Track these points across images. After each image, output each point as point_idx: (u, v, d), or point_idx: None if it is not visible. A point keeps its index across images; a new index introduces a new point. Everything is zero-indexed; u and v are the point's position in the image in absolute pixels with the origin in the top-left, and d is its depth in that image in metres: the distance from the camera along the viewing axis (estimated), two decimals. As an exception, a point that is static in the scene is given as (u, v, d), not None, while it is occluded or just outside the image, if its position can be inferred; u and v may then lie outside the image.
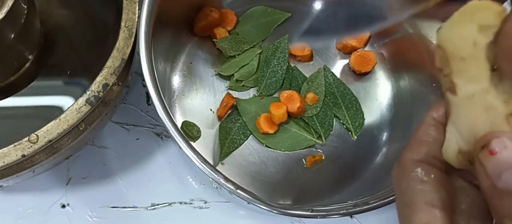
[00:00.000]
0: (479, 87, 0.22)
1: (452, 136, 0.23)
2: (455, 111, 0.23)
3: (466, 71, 0.23)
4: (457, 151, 0.23)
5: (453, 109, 0.23)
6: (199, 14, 0.55)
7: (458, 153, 0.23)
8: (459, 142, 0.23)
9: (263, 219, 0.53)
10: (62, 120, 0.38)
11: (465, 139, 0.23)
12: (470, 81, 0.22)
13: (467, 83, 0.23)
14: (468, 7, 0.23)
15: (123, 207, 0.52)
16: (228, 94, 0.55)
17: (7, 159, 0.37)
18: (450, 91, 0.23)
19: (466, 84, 0.23)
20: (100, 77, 0.40)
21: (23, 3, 0.42)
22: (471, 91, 0.22)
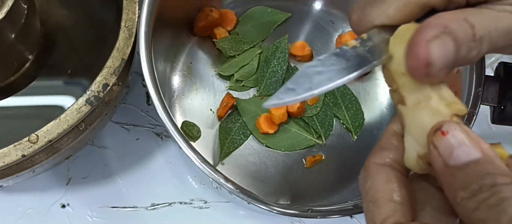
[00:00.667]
0: (422, 96, 0.25)
1: (409, 144, 0.26)
2: (408, 120, 0.26)
3: (408, 83, 0.26)
4: (417, 157, 0.25)
5: (406, 119, 0.26)
6: (199, 14, 0.55)
7: (418, 159, 0.25)
8: (416, 148, 0.25)
9: (263, 219, 0.53)
10: (62, 120, 0.38)
11: (421, 143, 0.25)
12: (414, 91, 0.25)
13: (412, 94, 0.26)
14: (398, 32, 0.27)
15: (123, 207, 0.52)
16: (228, 94, 0.55)
17: (7, 159, 0.37)
18: (400, 103, 0.26)
19: (411, 94, 0.26)
20: (100, 77, 0.40)
21: (23, 3, 0.42)
22: (416, 99, 0.25)
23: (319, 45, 0.58)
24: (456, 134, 0.23)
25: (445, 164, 0.23)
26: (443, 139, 0.23)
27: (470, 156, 0.23)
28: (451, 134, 0.23)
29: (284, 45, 0.56)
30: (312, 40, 0.58)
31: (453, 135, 0.23)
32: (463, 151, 0.23)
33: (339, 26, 0.59)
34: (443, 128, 0.23)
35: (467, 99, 0.45)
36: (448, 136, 0.23)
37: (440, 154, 0.23)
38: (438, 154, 0.23)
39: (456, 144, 0.23)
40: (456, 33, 0.24)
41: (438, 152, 0.23)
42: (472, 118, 0.44)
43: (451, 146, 0.23)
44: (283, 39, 0.56)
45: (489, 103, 0.45)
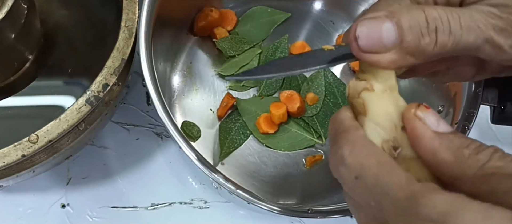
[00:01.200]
0: (388, 84, 0.28)
1: (373, 131, 0.27)
2: (373, 106, 0.27)
3: (379, 74, 0.28)
4: (381, 142, 0.26)
5: (370, 106, 0.27)
6: (199, 14, 0.55)
7: (383, 143, 0.26)
8: (380, 133, 0.27)
9: (263, 219, 0.53)
10: (62, 120, 0.38)
11: (385, 127, 0.27)
12: (382, 80, 0.28)
13: (379, 82, 0.28)
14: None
15: (123, 207, 0.52)
16: (228, 94, 0.55)
17: (7, 159, 0.37)
18: (367, 90, 0.27)
19: (379, 83, 0.28)
20: (100, 77, 0.40)
21: (23, 3, 0.42)
22: (383, 87, 0.27)
23: (319, 45, 0.58)
24: (432, 110, 0.25)
25: (435, 132, 0.25)
26: (429, 112, 0.25)
27: (449, 127, 0.25)
28: (431, 109, 0.25)
29: (284, 45, 0.56)
30: (312, 40, 0.58)
31: (432, 110, 0.25)
32: (444, 123, 0.25)
33: (339, 26, 0.59)
34: (423, 103, 0.26)
35: (467, 99, 0.45)
36: (431, 110, 0.25)
37: (428, 124, 0.25)
38: (425, 125, 0.25)
39: (438, 117, 0.25)
40: (400, 17, 0.26)
41: (425, 122, 0.25)
42: (472, 118, 0.44)
43: (437, 117, 0.25)
44: (283, 39, 0.56)
45: (489, 103, 0.45)
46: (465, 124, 0.43)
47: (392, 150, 0.26)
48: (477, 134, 0.58)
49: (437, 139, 0.24)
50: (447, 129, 0.25)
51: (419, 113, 0.25)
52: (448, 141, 0.24)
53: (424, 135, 0.25)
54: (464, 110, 0.44)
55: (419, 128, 0.25)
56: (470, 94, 0.44)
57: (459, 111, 0.45)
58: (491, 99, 0.45)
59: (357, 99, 0.28)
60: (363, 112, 0.27)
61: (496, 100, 0.45)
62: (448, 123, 0.45)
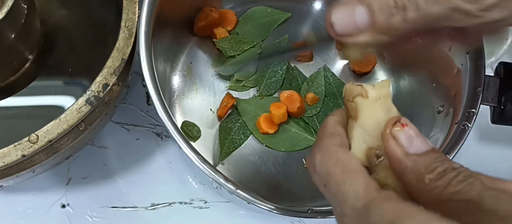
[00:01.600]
0: (383, 92, 0.28)
1: (359, 136, 0.28)
2: (364, 112, 0.28)
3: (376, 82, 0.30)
4: (366, 148, 0.28)
5: (362, 112, 0.28)
6: (199, 14, 0.55)
7: (367, 150, 0.28)
8: (366, 140, 0.28)
9: (263, 219, 0.53)
10: (62, 120, 0.38)
11: (372, 135, 0.28)
12: (377, 88, 0.28)
13: (374, 89, 0.28)
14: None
15: (123, 207, 0.52)
16: (228, 94, 0.55)
17: (7, 159, 0.37)
18: (361, 95, 0.28)
19: (373, 90, 0.28)
20: (100, 77, 0.40)
21: (23, 3, 0.42)
22: (377, 95, 0.28)
23: (320, 47, 0.58)
24: (412, 127, 0.26)
25: (406, 152, 0.25)
26: (403, 130, 0.26)
27: (426, 146, 0.26)
28: (409, 126, 0.26)
29: (284, 45, 0.56)
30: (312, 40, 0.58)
31: (411, 128, 0.26)
32: (420, 142, 0.26)
33: (339, 26, 0.59)
34: (402, 120, 0.26)
35: (467, 99, 0.45)
36: (407, 127, 0.26)
37: (400, 144, 0.26)
38: (397, 143, 0.26)
39: (414, 135, 0.26)
40: (372, 1, 0.28)
41: (398, 142, 0.26)
42: (472, 118, 0.44)
43: (411, 136, 0.26)
44: (283, 39, 0.56)
45: (489, 103, 0.45)
46: (465, 124, 0.43)
47: (375, 158, 0.27)
48: (477, 134, 0.58)
49: (404, 161, 0.25)
50: (420, 149, 0.25)
51: (394, 131, 0.26)
52: (414, 164, 0.25)
53: (394, 154, 0.26)
54: (464, 110, 0.44)
55: (391, 147, 0.26)
56: (470, 94, 0.44)
57: (459, 111, 0.45)
58: (491, 99, 0.45)
59: (351, 102, 0.29)
60: (354, 116, 0.28)
61: (496, 100, 0.45)
62: (448, 123, 0.46)
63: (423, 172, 0.24)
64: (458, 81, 0.46)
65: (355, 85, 0.29)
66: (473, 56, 0.45)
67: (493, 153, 0.58)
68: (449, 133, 0.44)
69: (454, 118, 0.45)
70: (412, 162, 0.25)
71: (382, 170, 0.27)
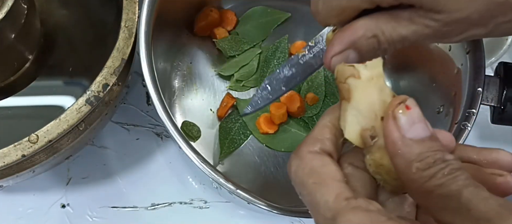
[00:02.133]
0: (375, 72, 0.28)
1: (353, 118, 0.27)
2: (357, 93, 0.28)
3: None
4: (360, 130, 0.27)
5: (355, 93, 0.28)
6: (199, 14, 0.55)
7: (362, 131, 0.27)
8: (360, 121, 0.27)
9: (263, 219, 0.53)
10: (62, 120, 0.38)
11: (366, 116, 0.27)
12: (369, 67, 0.28)
13: (367, 69, 0.28)
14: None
15: (123, 207, 0.52)
16: (228, 94, 0.54)
17: (7, 159, 0.37)
18: (353, 76, 0.28)
19: (366, 69, 0.28)
20: (100, 77, 0.40)
21: (23, 3, 0.42)
22: (369, 75, 0.28)
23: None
24: (417, 111, 0.25)
25: (402, 136, 0.25)
26: (407, 112, 0.25)
27: (426, 133, 0.25)
28: (413, 109, 0.25)
29: (284, 45, 0.56)
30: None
31: (415, 111, 0.25)
32: (420, 127, 0.25)
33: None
34: (407, 102, 0.25)
35: (467, 99, 0.45)
36: (411, 111, 0.25)
37: (399, 125, 0.25)
38: (396, 125, 0.25)
39: (416, 119, 0.25)
40: (361, 48, 0.31)
41: (397, 123, 0.25)
42: (472, 118, 0.44)
43: (413, 120, 0.25)
44: (283, 39, 0.56)
45: (489, 103, 0.45)
46: (465, 124, 0.43)
47: (369, 139, 0.27)
48: (478, 134, 0.58)
49: (398, 144, 0.25)
50: (418, 135, 0.25)
51: (396, 111, 0.25)
52: (407, 149, 0.25)
53: (390, 135, 0.25)
54: (464, 110, 0.44)
55: (389, 127, 0.25)
56: (470, 94, 0.44)
57: (459, 111, 0.45)
58: (491, 99, 0.45)
59: (343, 84, 0.28)
60: (347, 98, 0.28)
61: (496, 100, 0.45)
62: (448, 123, 0.46)
63: (413, 160, 0.24)
64: (458, 81, 0.46)
65: (347, 66, 0.28)
66: (473, 56, 0.45)
67: (493, 153, 0.58)
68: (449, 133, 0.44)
69: (454, 118, 0.45)
70: (406, 147, 0.25)
71: (377, 151, 0.27)
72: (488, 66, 0.53)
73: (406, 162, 0.25)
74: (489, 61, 0.55)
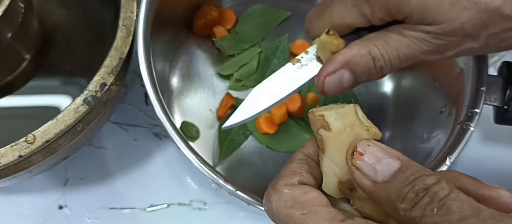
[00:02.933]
0: (347, 121, 0.26)
1: (329, 169, 0.27)
2: (330, 145, 0.27)
3: (332, 110, 0.27)
4: (337, 182, 0.26)
5: (328, 145, 0.27)
6: (198, 12, 0.55)
7: (339, 184, 0.26)
8: (337, 173, 0.26)
9: (263, 220, 0.53)
10: (60, 120, 0.38)
11: (342, 168, 0.26)
12: (340, 117, 0.27)
13: (337, 120, 0.27)
14: (319, 42, 0.35)
15: (121, 208, 0.52)
16: (227, 94, 0.54)
17: (4, 159, 0.36)
18: (324, 128, 0.27)
19: (336, 120, 0.27)
20: (98, 77, 0.39)
21: (21, 2, 0.42)
22: (341, 126, 0.26)
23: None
24: (372, 150, 0.24)
25: (373, 182, 0.24)
26: (363, 159, 0.24)
27: (392, 166, 0.24)
28: (368, 151, 0.24)
29: (284, 44, 0.55)
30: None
31: (370, 152, 0.24)
32: (385, 165, 0.24)
33: (340, 25, 0.59)
34: (358, 148, 0.25)
35: (470, 99, 0.44)
36: (366, 155, 0.24)
37: (365, 174, 0.24)
38: (362, 175, 0.24)
39: (376, 160, 0.24)
40: (355, 67, 0.32)
41: (362, 173, 0.24)
42: (475, 118, 0.43)
43: (373, 163, 0.24)
44: (283, 38, 0.56)
45: (492, 103, 0.45)
46: (468, 124, 0.43)
47: (348, 191, 0.26)
48: (481, 134, 0.58)
49: (375, 191, 0.24)
50: (387, 175, 0.24)
51: (354, 162, 0.25)
52: (385, 193, 0.24)
53: (364, 186, 0.25)
54: (467, 110, 0.44)
55: (358, 179, 0.25)
56: (472, 94, 0.44)
57: (462, 111, 0.44)
58: (495, 99, 0.45)
59: (316, 134, 0.27)
60: (322, 149, 0.27)
61: (499, 100, 0.45)
62: (450, 123, 0.45)
63: (396, 202, 0.23)
64: (460, 80, 0.46)
65: (316, 116, 0.27)
66: (476, 55, 0.45)
67: (496, 154, 0.57)
68: (452, 133, 0.44)
69: (457, 118, 0.45)
70: (383, 191, 0.24)
71: (357, 201, 0.26)
72: (491, 66, 0.53)
73: (392, 206, 0.24)
74: (492, 60, 0.55)
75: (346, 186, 0.26)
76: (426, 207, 0.23)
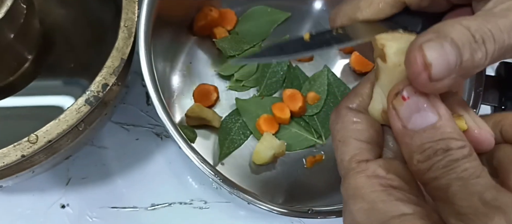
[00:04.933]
0: (404, 58, 0.25)
1: (378, 96, 0.27)
2: (383, 75, 0.27)
3: (396, 42, 0.26)
4: (381, 110, 0.27)
5: (381, 74, 0.27)
6: (199, 13, 0.55)
7: (382, 112, 0.27)
8: (383, 102, 0.27)
9: (263, 219, 0.53)
10: (62, 120, 0.38)
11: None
12: (399, 53, 0.26)
13: (396, 55, 0.26)
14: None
15: (122, 208, 0.52)
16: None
17: (6, 159, 0.37)
18: (381, 58, 0.26)
19: (395, 55, 0.26)
20: (99, 77, 0.40)
21: (23, 3, 0.42)
22: (397, 61, 0.26)
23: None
24: (415, 98, 0.24)
25: (404, 126, 0.24)
26: (403, 104, 0.24)
27: (428, 120, 0.24)
28: (411, 99, 0.24)
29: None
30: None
31: (413, 99, 0.24)
32: (421, 116, 0.24)
33: (339, 25, 0.59)
34: (403, 92, 0.24)
35: (468, 99, 0.44)
36: (408, 101, 0.24)
37: (400, 117, 0.24)
38: (397, 116, 0.24)
39: (415, 109, 0.24)
40: (452, 35, 0.23)
41: (397, 114, 0.24)
42: (473, 118, 0.44)
43: (411, 111, 0.24)
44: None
45: (490, 103, 0.45)
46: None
47: (388, 121, 0.26)
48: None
49: (401, 135, 0.24)
50: (419, 126, 0.24)
51: (394, 103, 0.25)
52: (408, 140, 0.24)
53: (394, 127, 0.25)
54: (465, 110, 0.44)
55: (391, 118, 0.25)
56: (470, 94, 0.44)
57: (460, 111, 0.44)
58: (492, 99, 0.45)
59: (375, 59, 0.27)
60: (376, 76, 0.27)
61: (497, 100, 0.45)
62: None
63: (415, 152, 0.24)
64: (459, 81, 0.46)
65: (377, 44, 0.26)
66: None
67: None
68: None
69: (455, 118, 0.45)
70: (407, 138, 0.24)
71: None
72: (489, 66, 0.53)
73: (408, 154, 0.24)
74: (489, 60, 0.55)
75: (387, 116, 0.27)
76: (435, 163, 0.23)
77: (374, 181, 0.24)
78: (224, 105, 0.55)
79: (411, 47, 0.24)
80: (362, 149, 0.26)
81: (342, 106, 0.28)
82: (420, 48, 0.23)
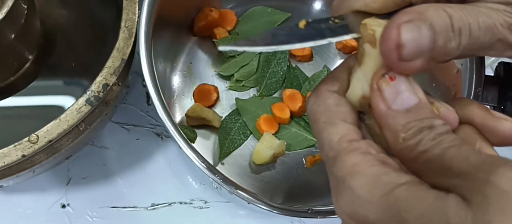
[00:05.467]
0: None
1: (358, 81, 0.27)
2: (368, 60, 0.27)
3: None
4: (361, 95, 0.27)
5: (367, 60, 0.27)
6: (199, 14, 0.55)
7: (361, 98, 0.27)
8: (364, 88, 0.27)
9: (263, 219, 0.53)
10: (62, 120, 0.38)
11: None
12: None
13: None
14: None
15: (123, 207, 0.52)
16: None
17: (7, 159, 0.37)
18: (370, 44, 0.26)
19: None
20: (100, 77, 0.40)
21: (23, 3, 0.42)
22: None
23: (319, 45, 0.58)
24: (401, 80, 0.25)
25: (388, 107, 0.25)
26: (390, 84, 0.25)
27: (411, 101, 0.25)
28: (398, 80, 0.25)
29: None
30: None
31: (399, 81, 0.25)
32: (406, 97, 0.25)
33: (339, 26, 0.59)
34: (390, 73, 0.25)
35: (467, 99, 0.45)
36: (394, 82, 0.25)
37: (384, 97, 0.25)
38: (381, 97, 0.25)
39: (401, 90, 0.25)
40: (432, 19, 0.24)
41: (382, 95, 0.25)
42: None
43: (397, 92, 0.25)
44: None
45: (489, 103, 0.45)
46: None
47: (367, 107, 0.27)
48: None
49: (385, 116, 0.25)
50: (404, 106, 0.25)
51: (380, 83, 0.25)
52: (393, 121, 0.25)
53: (376, 107, 0.25)
54: (464, 110, 0.44)
55: (375, 99, 0.25)
56: (470, 94, 0.44)
57: (459, 111, 0.45)
58: (491, 98, 0.45)
59: (361, 46, 0.27)
60: (359, 61, 0.27)
61: (496, 99, 0.45)
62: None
63: (400, 131, 0.24)
64: (458, 81, 0.46)
65: (368, 30, 0.26)
66: (473, 56, 0.45)
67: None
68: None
69: (454, 118, 0.45)
70: (392, 119, 0.25)
71: (371, 118, 0.27)
72: (488, 66, 0.53)
73: (393, 134, 0.25)
74: (489, 61, 0.55)
75: (367, 102, 0.27)
76: (423, 137, 0.24)
77: (369, 157, 0.25)
78: (224, 105, 0.55)
79: (390, 23, 0.25)
80: (351, 130, 0.26)
81: (322, 89, 0.28)
82: (398, 27, 0.24)
